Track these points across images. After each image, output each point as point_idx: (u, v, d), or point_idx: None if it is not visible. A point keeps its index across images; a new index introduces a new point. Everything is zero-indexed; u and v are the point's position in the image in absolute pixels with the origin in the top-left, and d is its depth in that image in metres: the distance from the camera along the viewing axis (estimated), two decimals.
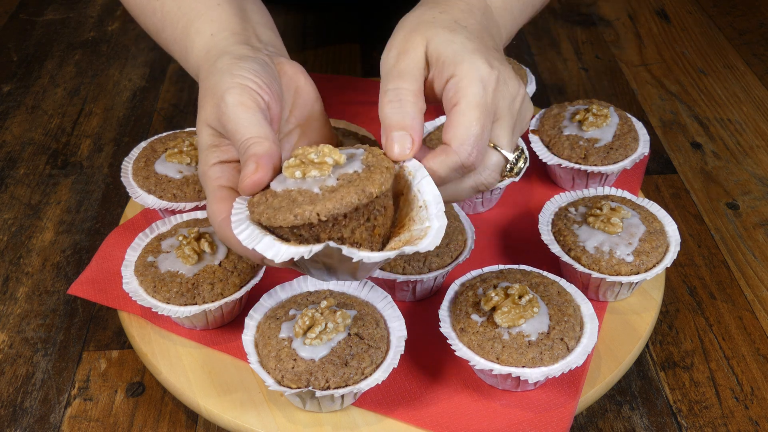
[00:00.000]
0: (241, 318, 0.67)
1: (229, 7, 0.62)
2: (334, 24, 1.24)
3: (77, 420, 0.65)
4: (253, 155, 0.50)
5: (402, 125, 0.51)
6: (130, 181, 0.76)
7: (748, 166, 0.94)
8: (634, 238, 0.67)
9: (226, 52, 0.57)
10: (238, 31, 0.60)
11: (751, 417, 0.65)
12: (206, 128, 0.55)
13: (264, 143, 0.50)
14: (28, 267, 0.80)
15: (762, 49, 1.18)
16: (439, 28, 0.54)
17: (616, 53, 1.17)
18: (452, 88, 0.52)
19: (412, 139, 0.51)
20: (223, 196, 0.52)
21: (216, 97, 0.53)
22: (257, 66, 0.55)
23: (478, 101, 0.51)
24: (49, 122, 1.02)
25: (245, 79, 0.53)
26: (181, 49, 0.62)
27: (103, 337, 0.72)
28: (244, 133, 0.51)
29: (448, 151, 0.51)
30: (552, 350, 0.59)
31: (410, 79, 0.53)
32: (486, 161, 0.54)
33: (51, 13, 1.28)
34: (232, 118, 0.52)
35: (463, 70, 0.52)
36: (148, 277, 0.65)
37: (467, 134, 0.51)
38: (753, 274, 0.79)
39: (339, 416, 0.60)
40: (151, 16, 0.64)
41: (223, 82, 0.53)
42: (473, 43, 0.54)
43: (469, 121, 0.51)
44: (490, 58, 0.53)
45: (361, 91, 0.99)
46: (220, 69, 0.55)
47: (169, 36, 0.63)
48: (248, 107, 0.52)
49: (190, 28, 0.61)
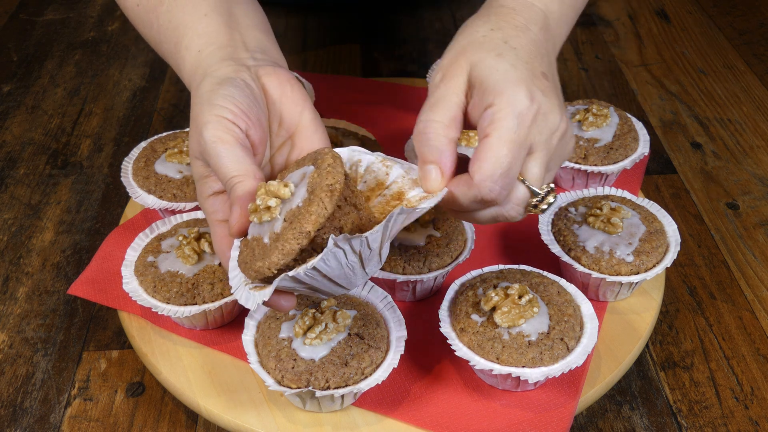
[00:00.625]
0: (241, 318, 0.67)
1: (217, 16, 0.61)
2: (334, 25, 1.24)
3: (77, 420, 0.65)
4: (237, 198, 0.51)
5: (430, 159, 0.52)
6: (130, 181, 0.76)
7: (748, 166, 0.94)
8: (634, 238, 0.67)
9: (208, 74, 0.57)
10: (224, 44, 0.60)
11: (751, 417, 0.65)
12: (195, 160, 0.56)
13: (246, 182, 0.51)
14: (28, 267, 0.80)
15: (762, 49, 1.18)
16: (486, 52, 0.53)
17: (616, 53, 1.17)
18: (488, 118, 0.51)
19: (441, 171, 0.51)
20: (223, 234, 0.55)
21: (197, 131, 0.54)
22: (235, 90, 0.55)
23: (510, 137, 0.50)
24: (49, 122, 1.02)
25: (222, 110, 0.53)
26: (175, 65, 0.63)
27: (103, 337, 0.72)
28: (226, 172, 0.52)
29: (470, 184, 0.51)
30: (552, 350, 0.59)
31: (443, 109, 0.53)
32: (511, 194, 0.52)
33: (51, 13, 1.28)
34: (212, 155, 0.53)
35: (502, 101, 0.51)
36: (148, 277, 0.65)
37: (492, 170, 0.50)
38: (753, 274, 0.79)
39: (339, 416, 0.60)
40: (150, 30, 0.65)
41: (202, 114, 0.54)
42: (518, 72, 0.52)
43: (496, 157, 0.50)
44: (533, 89, 0.52)
45: (361, 91, 0.99)
46: (201, 97, 0.55)
47: (165, 50, 0.64)
48: (226, 142, 0.52)
49: (180, 45, 0.61)
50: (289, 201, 0.49)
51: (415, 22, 1.25)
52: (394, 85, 0.99)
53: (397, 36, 1.21)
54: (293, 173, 0.52)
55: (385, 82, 1.01)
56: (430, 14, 1.27)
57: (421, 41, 1.20)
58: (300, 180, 0.50)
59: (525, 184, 0.52)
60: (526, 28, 0.56)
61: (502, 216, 0.53)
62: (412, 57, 1.16)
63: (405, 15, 1.27)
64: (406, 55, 1.16)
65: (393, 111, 0.94)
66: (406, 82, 1.00)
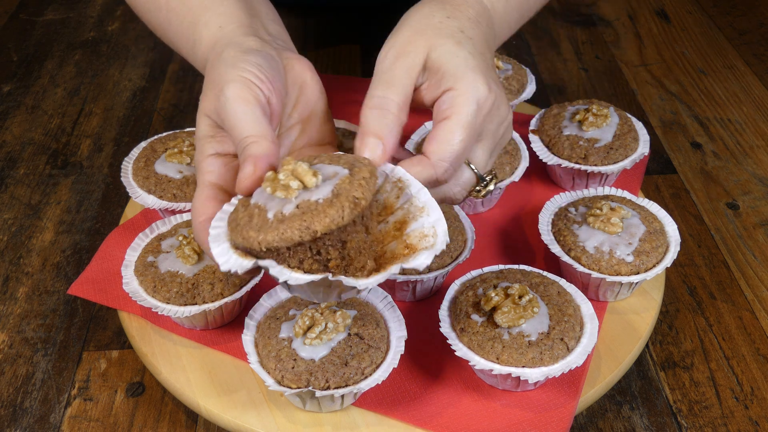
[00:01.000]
0: (241, 318, 0.67)
1: (236, 1, 0.62)
2: (334, 26, 1.24)
3: (77, 420, 0.65)
4: (250, 156, 0.50)
5: (378, 134, 0.52)
6: (130, 181, 0.76)
7: (748, 166, 0.94)
8: (634, 238, 0.67)
9: (233, 44, 0.56)
10: (246, 24, 0.60)
11: (751, 417, 0.65)
12: (205, 118, 0.55)
13: (262, 143, 0.50)
14: (28, 267, 0.80)
15: (762, 49, 1.18)
16: (445, 38, 0.54)
17: (616, 53, 1.17)
18: (447, 101, 0.52)
19: (384, 149, 0.52)
20: (210, 195, 0.53)
21: (217, 89, 0.53)
22: (262, 59, 0.54)
23: (469, 121, 0.52)
24: (49, 122, 1.02)
25: (247, 72, 0.53)
26: (188, 43, 0.62)
27: (103, 337, 0.72)
28: (243, 130, 0.51)
29: (424, 163, 0.52)
30: (552, 350, 0.59)
31: (399, 88, 0.53)
32: (458, 177, 0.54)
33: (51, 13, 1.28)
34: (230, 113, 0.51)
35: (463, 86, 0.52)
36: (148, 277, 0.65)
37: (449, 151, 0.51)
38: (753, 274, 0.79)
39: (339, 416, 0.60)
40: (156, 13, 0.64)
41: (225, 73, 0.53)
42: (476, 60, 0.54)
43: (454, 139, 0.51)
44: (489, 80, 0.53)
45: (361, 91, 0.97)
46: (224, 60, 0.54)
47: (175, 31, 0.63)
48: (248, 102, 0.52)
49: (198, 22, 0.61)
50: (310, 192, 0.47)
51: None
52: None
53: None
54: (325, 166, 0.50)
55: None
56: None
57: None
58: (330, 177, 0.48)
59: (472, 169, 0.55)
60: (477, 21, 0.58)
61: (448, 197, 0.55)
62: None
63: None
64: None
65: None
66: None
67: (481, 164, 0.55)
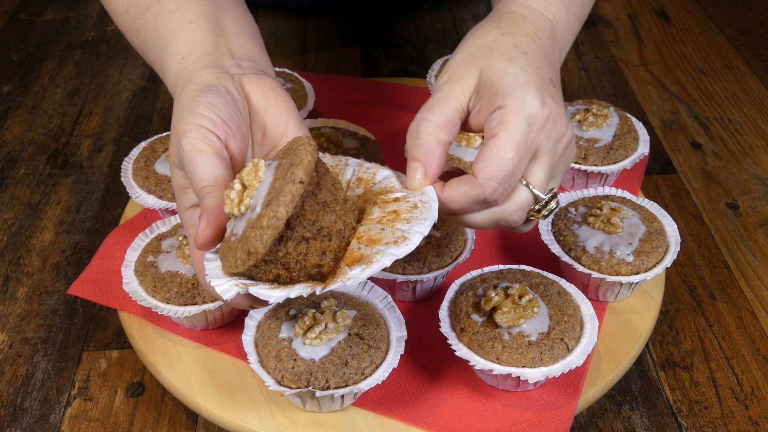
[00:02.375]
0: (241, 318, 0.67)
1: (203, 23, 0.61)
2: (334, 26, 1.24)
3: (77, 420, 0.65)
4: (204, 209, 0.50)
5: (417, 157, 0.51)
6: (130, 181, 0.76)
7: (748, 166, 0.94)
8: (634, 238, 0.67)
9: (191, 81, 0.56)
10: (209, 51, 0.59)
11: (751, 417, 0.65)
12: (175, 169, 0.55)
13: (215, 194, 0.50)
14: (28, 267, 0.80)
15: (762, 49, 1.17)
16: (496, 56, 0.53)
17: (616, 53, 1.17)
18: (496, 119, 0.51)
19: (424, 171, 0.51)
20: None
21: (176, 140, 0.53)
22: (216, 98, 0.54)
23: (519, 139, 0.50)
24: (49, 122, 1.02)
25: (201, 118, 0.53)
26: (161, 72, 0.62)
27: (103, 337, 0.72)
28: (198, 182, 0.51)
29: (472, 183, 0.50)
30: (552, 350, 0.59)
31: (440, 111, 0.52)
32: (514, 197, 0.52)
33: (51, 13, 1.28)
34: (188, 165, 0.52)
35: (512, 103, 0.50)
36: (148, 277, 0.65)
37: (497, 170, 0.49)
38: (753, 274, 0.79)
39: (339, 416, 0.60)
40: (137, 37, 0.64)
41: (182, 122, 0.53)
42: (528, 75, 0.52)
43: (503, 158, 0.49)
44: (544, 94, 0.51)
45: (361, 91, 0.99)
46: (181, 105, 0.54)
47: (152, 58, 0.63)
48: (202, 151, 0.51)
49: (165, 52, 0.61)
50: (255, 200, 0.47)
51: (415, 22, 1.25)
52: (394, 85, 0.99)
53: (397, 36, 1.21)
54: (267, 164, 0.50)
55: (385, 82, 1.01)
56: (430, 14, 1.27)
57: (421, 41, 1.20)
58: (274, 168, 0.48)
59: (528, 188, 0.52)
60: (535, 35, 0.56)
61: (504, 220, 0.53)
62: (412, 57, 1.16)
63: (405, 15, 1.27)
64: (406, 55, 1.16)
65: (393, 111, 0.94)
66: (406, 82, 1.00)
67: (539, 183, 0.52)
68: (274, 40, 1.20)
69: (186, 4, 0.62)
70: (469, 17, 1.26)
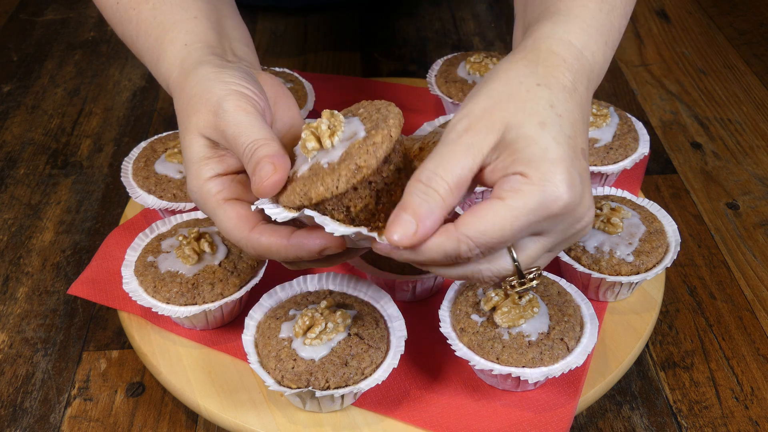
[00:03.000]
0: (241, 318, 0.67)
1: (206, 21, 0.61)
2: (334, 25, 1.24)
3: (77, 420, 0.65)
4: (266, 156, 0.48)
5: (416, 212, 0.45)
6: (130, 181, 0.76)
7: (748, 166, 0.94)
8: (634, 238, 0.67)
9: (204, 62, 0.55)
10: (213, 45, 0.59)
11: (751, 417, 0.65)
12: (198, 138, 0.52)
13: (273, 144, 0.49)
14: (28, 267, 0.80)
15: (762, 49, 1.18)
16: (527, 116, 0.46)
17: (616, 53, 1.17)
18: (511, 183, 0.45)
19: (416, 231, 0.44)
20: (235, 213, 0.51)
21: (211, 104, 0.52)
22: (243, 74, 0.54)
23: (524, 219, 0.44)
24: (49, 122, 1.02)
25: (239, 86, 0.52)
26: (152, 58, 0.61)
27: (103, 337, 0.72)
28: (249, 135, 0.50)
29: (449, 234, 0.45)
30: (552, 350, 0.59)
31: (455, 170, 0.45)
32: (492, 260, 0.47)
33: (51, 13, 1.28)
34: (233, 123, 0.50)
35: (535, 176, 0.44)
36: (148, 277, 0.65)
37: (483, 236, 0.44)
38: (753, 274, 0.79)
39: (339, 416, 0.60)
40: (127, 25, 0.63)
41: (215, 89, 0.52)
42: (560, 149, 0.45)
43: (496, 227, 0.44)
44: (574, 174, 0.45)
45: (361, 91, 0.99)
46: (205, 77, 0.53)
47: (142, 45, 0.62)
48: (249, 112, 0.51)
49: (164, 38, 0.60)
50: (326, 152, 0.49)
51: (415, 22, 1.25)
52: (394, 85, 1.00)
53: (397, 36, 1.21)
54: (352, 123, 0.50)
55: (385, 82, 1.01)
56: (430, 14, 1.27)
57: (421, 41, 1.20)
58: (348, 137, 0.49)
59: (513, 259, 0.47)
60: (574, 89, 0.49)
61: (473, 277, 0.48)
62: (412, 57, 1.16)
63: (405, 15, 1.27)
64: (406, 55, 1.16)
65: None
66: (406, 82, 1.00)
67: (528, 259, 0.47)
68: (274, 40, 1.20)
69: (189, 1, 0.61)
70: (469, 17, 1.26)
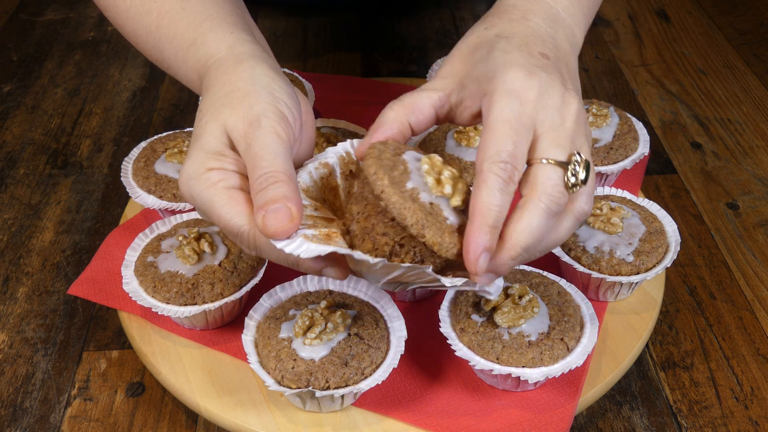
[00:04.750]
0: (241, 318, 0.67)
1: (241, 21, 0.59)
2: (334, 25, 1.24)
3: (77, 420, 0.65)
4: (285, 198, 0.46)
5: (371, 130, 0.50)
6: (130, 181, 0.76)
7: (748, 166, 0.94)
8: (634, 238, 0.67)
9: (259, 58, 0.53)
10: (258, 41, 0.57)
11: (751, 417, 0.65)
12: (222, 132, 0.50)
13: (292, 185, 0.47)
14: (28, 267, 0.80)
15: (762, 49, 1.18)
16: (478, 50, 0.52)
17: (616, 53, 1.17)
18: (484, 106, 0.48)
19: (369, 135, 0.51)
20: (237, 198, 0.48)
21: (252, 111, 0.49)
22: (291, 92, 0.52)
23: (507, 116, 0.47)
24: (49, 122, 1.02)
25: (284, 105, 0.50)
26: (181, 43, 0.57)
27: (103, 337, 0.72)
28: (272, 164, 0.47)
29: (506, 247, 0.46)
30: (552, 350, 0.59)
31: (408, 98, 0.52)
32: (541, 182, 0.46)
33: (51, 13, 1.28)
34: (261, 144, 0.48)
35: (494, 86, 0.48)
36: (148, 277, 0.65)
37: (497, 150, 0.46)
38: (753, 274, 0.79)
39: (339, 416, 0.60)
40: (146, 17, 0.60)
41: (263, 97, 0.50)
42: (509, 54, 0.49)
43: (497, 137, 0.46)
44: (531, 66, 0.48)
45: (361, 91, 0.99)
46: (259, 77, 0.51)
47: (164, 33, 0.58)
48: (281, 139, 0.48)
49: (200, 24, 0.57)
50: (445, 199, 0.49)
51: (415, 22, 1.25)
52: (394, 85, 0.99)
53: (397, 36, 1.21)
54: None
55: (385, 82, 1.01)
56: (430, 14, 1.27)
57: (421, 41, 1.20)
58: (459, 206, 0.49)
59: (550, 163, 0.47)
60: (523, 18, 0.54)
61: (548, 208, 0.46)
62: (412, 57, 1.16)
63: (405, 15, 1.27)
64: (406, 55, 1.16)
65: None
66: (406, 82, 1.00)
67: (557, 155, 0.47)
68: (274, 40, 1.20)
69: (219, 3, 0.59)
70: (469, 17, 1.26)
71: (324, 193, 0.55)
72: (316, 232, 0.48)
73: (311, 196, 0.54)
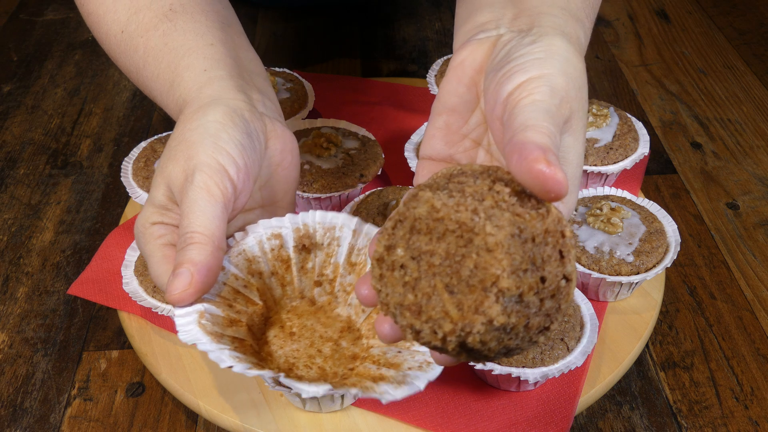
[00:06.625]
0: None
1: (224, 49, 0.56)
2: (334, 25, 1.24)
3: (77, 420, 0.65)
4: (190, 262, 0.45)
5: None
6: (130, 181, 0.76)
7: (748, 166, 0.94)
8: (634, 239, 0.67)
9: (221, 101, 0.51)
10: (234, 75, 0.55)
11: (751, 417, 0.65)
12: (164, 186, 0.50)
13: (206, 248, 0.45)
14: (28, 267, 0.80)
15: (762, 49, 1.18)
16: None
17: (616, 53, 1.17)
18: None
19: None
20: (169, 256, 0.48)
21: (189, 164, 0.48)
22: (246, 139, 0.49)
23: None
24: (49, 122, 1.02)
25: (226, 158, 0.48)
26: (163, 85, 0.56)
27: (103, 337, 0.72)
28: (194, 222, 0.46)
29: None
30: (552, 350, 0.59)
31: None
32: None
33: (51, 13, 1.28)
34: (189, 201, 0.47)
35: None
36: (148, 277, 0.65)
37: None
38: (753, 274, 0.79)
39: (339, 416, 0.60)
40: (133, 54, 0.59)
41: (203, 150, 0.48)
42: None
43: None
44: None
45: (361, 91, 0.99)
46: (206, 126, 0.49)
47: (150, 72, 0.57)
48: (212, 195, 0.47)
49: (178, 63, 0.55)
50: None
51: (415, 22, 1.25)
52: (394, 85, 1.00)
53: (397, 36, 1.21)
54: None
55: (385, 82, 1.01)
56: (430, 14, 1.27)
57: (421, 41, 1.20)
58: None
59: None
60: None
61: None
62: (412, 57, 1.16)
63: (405, 15, 1.27)
64: (406, 55, 1.16)
65: (393, 111, 0.94)
66: (406, 82, 1.00)
67: None
68: (274, 40, 1.20)
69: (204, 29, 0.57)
70: None
71: (274, 265, 0.54)
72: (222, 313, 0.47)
73: (255, 268, 0.53)
